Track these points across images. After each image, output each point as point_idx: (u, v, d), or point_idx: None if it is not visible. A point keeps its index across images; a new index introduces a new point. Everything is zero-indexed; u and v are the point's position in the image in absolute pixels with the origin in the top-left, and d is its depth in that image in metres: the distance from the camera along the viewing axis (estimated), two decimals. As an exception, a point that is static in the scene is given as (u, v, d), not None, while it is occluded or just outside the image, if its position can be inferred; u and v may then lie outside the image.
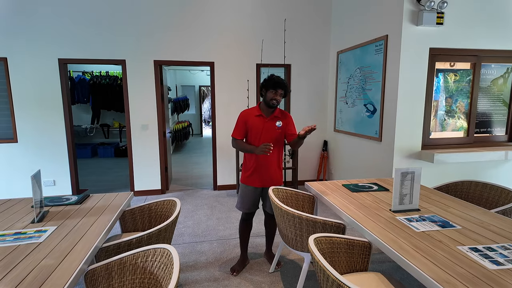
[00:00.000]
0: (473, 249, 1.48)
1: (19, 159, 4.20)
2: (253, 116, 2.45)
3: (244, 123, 2.46)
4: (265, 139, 2.42)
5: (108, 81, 7.25)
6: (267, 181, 2.49)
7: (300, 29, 4.71)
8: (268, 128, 2.43)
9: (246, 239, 2.65)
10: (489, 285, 1.20)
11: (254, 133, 2.44)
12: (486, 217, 1.89)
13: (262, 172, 2.47)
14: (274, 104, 2.37)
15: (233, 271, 2.55)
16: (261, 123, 2.43)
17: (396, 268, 2.61)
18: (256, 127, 2.43)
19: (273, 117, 2.45)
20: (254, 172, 2.48)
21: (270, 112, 2.46)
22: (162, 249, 1.48)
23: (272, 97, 2.35)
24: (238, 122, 2.49)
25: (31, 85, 4.10)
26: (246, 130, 2.48)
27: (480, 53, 3.36)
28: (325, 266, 1.32)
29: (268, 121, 2.44)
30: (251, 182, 2.50)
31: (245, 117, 2.47)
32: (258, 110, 2.46)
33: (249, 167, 2.50)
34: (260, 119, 2.44)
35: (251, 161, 2.49)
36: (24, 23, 3.98)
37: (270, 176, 2.50)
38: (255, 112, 2.46)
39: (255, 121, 2.44)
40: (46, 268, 1.36)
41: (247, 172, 2.52)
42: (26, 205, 2.17)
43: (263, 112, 2.45)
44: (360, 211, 1.99)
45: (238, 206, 2.57)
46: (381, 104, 3.50)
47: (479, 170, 3.55)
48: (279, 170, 2.55)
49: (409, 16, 3.13)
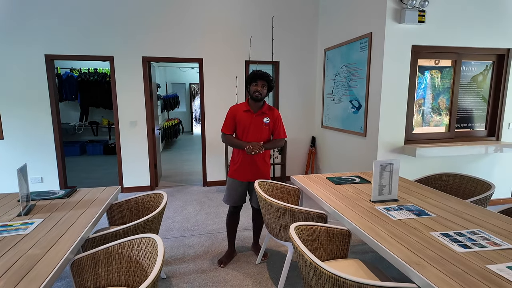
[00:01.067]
0: (444, 234, 1.56)
1: (5, 157, 4.16)
2: (241, 111, 2.51)
3: (233, 118, 2.52)
4: (252, 133, 2.48)
5: (97, 78, 7.19)
6: (254, 175, 2.55)
7: (288, 26, 4.77)
8: (255, 123, 2.49)
9: (234, 232, 2.71)
10: (455, 266, 1.28)
11: (242, 128, 2.50)
12: (461, 206, 1.99)
13: (249, 166, 2.53)
14: (258, 97, 2.42)
15: (221, 263, 2.60)
16: (249, 118, 2.49)
17: (378, 259, 2.70)
18: (243, 122, 2.49)
19: (261, 112, 2.51)
20: (241, 166, 2.53)
21: (258, 108, 2.51)
22: (148, 238, 1.52)
23: (254, 89, 2.41)
24: (227, 117, 2.55)
25: (17, 82, 4.06)
26: (234, 125, 2.53)
27: (461, 50, 3.48)
28: (303, 251, 1.38)
29: (256, 116, 2.49)
30: (238, 176, 2.56)
31: (233, 112, 2.52)
32: (246, 105, 2.52)
33: (236, 162, 2.56)
34: (248, 114, 2.49)
35: (238, 155, 2.55)
36: (11, 18, 3.94)
37: (257, 171, 2.55)
38: (243, 107, 2.51)
39: (243, 116, 2.49)
40: (32, 258, 1.39)
41: (234, 166, 2.57)
42: (13, 199, 2.18)
43: (251, 107, 2.51)
44: (341, 201, 2.07)
45: (225, 200, 2.62)
46: (365, 100, 3.59)
47: (460, 164, 3.68)
48: (266, 165, 2.61)
49: (392, 14, 3.22)
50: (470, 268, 1.27)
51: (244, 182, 2.57)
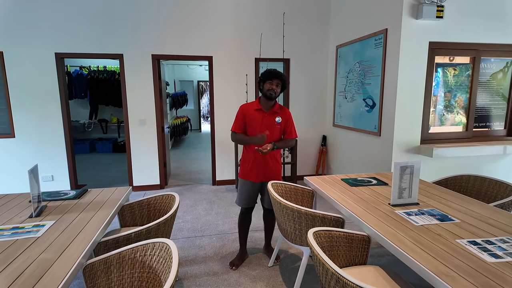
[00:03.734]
0: (472, 242, 1.48)
1: (17, 155, 4.18)
2: (252, 110, 2.45)
3: (243, 117, 2.46)
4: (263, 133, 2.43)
5: (106, 76, 7.20)
6: (265, 175, 2.50)
7: (299, 23, 4.68)
8: (267, 122, 2.43)
9: (245, 233, 2.66)
10: (488, 278, 1.20)
11: (253, 127, 2.44)
12: (485, 210, 1.90)
13: (260, 166, 2.47)
14: (272, 95, 2.37)
15: (232, 265, 2.55)
16: (260, 117, 2.43)
17: (395, 262, 2.62)
18: (254, 120, 2.43)
19: (273, 112, 2.45)
20: (252, 166, 2.48)
21: (269, 107, 2.45)
22: (161, 243, 1.47)
23: (269, 87, 2.36)
24: (237, 115, 2.49)
25: (28, 80, 4.06)
26: (245, 123, 2.47)
27: (480, 47, 3.35)
28: (324, 259, 1.32)
29: (268, 115, 2.44)
30: (249, 176, 2.50)
31: (244, 111, 2.47)
32: (257, 104, 2.46)
33: (247, 162, 2.51)
34: (259, 113, 2.44)
35: (249, 155, 2.49)
36: (21, 17, 3.93)
37: (269, 171, 2.50)
38: (255, 106, 2.46)
39: (254, 115, 2.44)
40: (44, 262, 1.35)
41: (245, 167, 2.52)
42: (24, 200, 2.16)
43: (262, 106, 2.45)
44: (359, 205, 1.99)
45: (237, 202, 2.58)
46: (380, 98, 3.49)
47: (477, 164, 3.55)
48: (277, 164, 2.55)
49: (408, 10, 3.11)
50: (504, 280, 1.19)
51: (257, 183, 2.51)
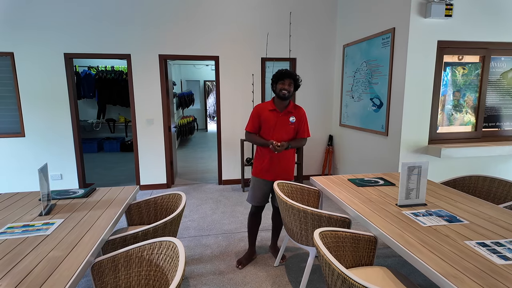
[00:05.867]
0: (480, 244, 1.46)
1: (26, 153, 4.25)
2: (267, 110, 2.46)
3: (258, 117, 2.47)
4: (278, 133, 2.45)
5: (114, 76, 7.27)
6: (279, 175, 2.51)
7: (305, 22, 4.66)
8: (281, 122, 2.45)
9: (255, 233, 2.66)
10: (497, 280, 1.19)
11: (268, 127, 2.45)
12: (494, 212, 1.87)
13: (275, 166, 2.49)
14: (285, 95, 2.38)
15: (239, 263, 2.56)
16: (275, 118, 2.45)
17: (402, 263, 2.60)
18: (269, 121, 2.45)
19: (287, 112, 2.46)
20: (268, 165, 2.49)
21: (283, 107, 2.47)
22: (168, 242, 1.48)
23: (282, 87, 2.38)
24: (252, 115, 2.50)
25: (37, 80, 4.13)
26: (259, 123, 2.48)
27: (490, 45, 3.30)
28: (330, 260, 1.31)
29: (282, 116, 2.45)
30: (263, 175, 2.51)
31: (259, 111, 2.48)
32: (272, 104, 2.47)
33: (263, 161, 2.51)
34: (274, 113, 2.45)
35: (265, 154, 2.49)
36: (30, 18, 4.00)
37: (283, 170, 2.51)
38: (269, 107, 2.47)
39: (268, 115, 2.45)
40: (54, 260, 1.37)
41: (260, 165, 2.52)
42: (34, 198, 2.20)
43: (276, 106, 2.47)
44: (366, 205, 1.98)
45: (249, 200, 2.58)
46: (387, 98, 3.46)
47: (487, 165, 3.50)
48: (292, 164, 2.57)
49: (417, 8, 3.07)
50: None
51: (270, 181, 2.52)
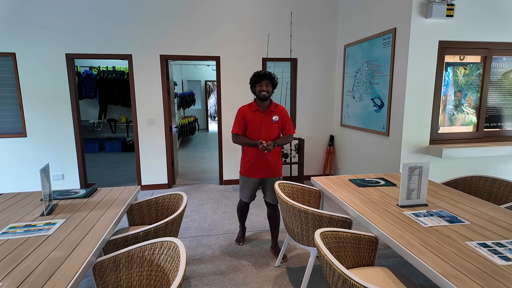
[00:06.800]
0: (482, 244, 1.46)
1: (28, 154, 4.26)
2: (251, 111, 2.60)
3: (243, 119, 2.60)
4: (264, 132, 2.58)
5: (115, 76, 7.28)
6: (266, 172, 2.65)
7: (306, 22, 4.66)
8: (265, 122, 2.58)
9: (244, 217, 2.93)
10: (498, 281, 1.19)
11: (253, 127, 2.58)
12: (495, 212, 1.87)
13: (261, 164, 2.62)
14: (265, 96, 2.51)
15: (239, 241, 2.89)
16: (259, 118, 2.59)
17: (403, 264, 2.60)
18: (254, 121, 2.58)
19: (269, 111, 2.60)
20: (253, 164, 2.63)
21: (266, 107, 2.60)
22: (169, 242, 1.49)
23: (260, 89, 2.51)
24: (237, 118, 2.63)
25: (39, 80, 4.14)
26: (245, 125, 2.61)
27: (491, 46, 3.29)
28: (331, 260, 1.32)
29: (265, 115, 2.58)
30: (251, 173, 2.66)
31: (243, 113, 2.61)
32: (254, 105, 2.61)
33: (249, 160, 2.65)
34: (257, 114, 2.58)
35: (250, 153, 2.63)
36: (32, 19, 4.01)
37: (269, 168, 2.64)
38: (252, 108, 2.61)
39: (253, 116, 2.59)
40: (55, 260, 1.38)
41: (247, 164, 2.67)
42: (35, 199, 2.21)
43: (259, 106, 2.60)
44: (366, 206, 1.98)
45: (241, 197, 2.79)
46: (388, 98, 3.46)
47: (488, 165, 3.50)
48: (278, 161, 2.68)
49: (418, 8, 3.07)
50: (515, 284, 1.17)
51: (258, 179, 2.66)
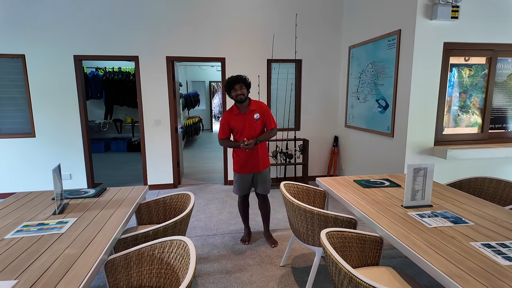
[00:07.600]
0: (486, 245, 1.48)
1: (36, 154, 4.33)
2: (234, 115, 2.76)
3: (228, 124, 2.77)
4: (249, 131, 2.74)
5: (121, 77, 7.36)
6: (256, 167, 2.84)
7: (311, 23, 4.69)
8: (248, 122, 2.74)
9: (247, 215, 3.05)
10: (501, 281, 1.21)
11: (238, 130, 2.75)
12: (500, 213, 1.88)
13: (251, 160, 2.80)
14: (242, 99, 2.66)
15: (244, 241, 2.97)
16: (242, 120, 2.74)
17: (407, 264, 2.62)
18: (238, 124, 2.74)
19: (250, 111, 2.74)
20: (245, 161, 2.81)
21: (246, 108, 2.74)
22: (179, 240, 1.53)
23: (235, 94, 2.65)
24: (221, 123, 2.81)
25: (48, 81, 4.21)
26: (230, 129, 2.79)
27: (496, 47, 3.30)
28: (337, 259, 1.35)
29: (247, 116, 2.74)
30: (244, 170, 2.84)
31: (228, 119, 2.77)
32: (236, 109, 2.76)
33: (240, 158, 2.83)
34: (240, 116, 2.74)
35: (241, 153, 2.81)
36: (41, 22, 4.08)
37: (258, 162, 2.83)
38: (235, 112, 2.75)
39: (237, 120, 2.74)
40: (70, 257, 1.43)
41: (239, 163, 2.84)
42: (47, 198, 2.26)
43: (240, 110, 2.75)
44: (371, 206, 2.01)
45: (235, 191, 2.93)
46: (393, 99, 3.47)
47: (493, 166, 3.50)
48: (265, 155, 2.89)
49: (423, 10, 3.09)
50: (518, 283, 1.19)
51: (250, 174, 2.86)
